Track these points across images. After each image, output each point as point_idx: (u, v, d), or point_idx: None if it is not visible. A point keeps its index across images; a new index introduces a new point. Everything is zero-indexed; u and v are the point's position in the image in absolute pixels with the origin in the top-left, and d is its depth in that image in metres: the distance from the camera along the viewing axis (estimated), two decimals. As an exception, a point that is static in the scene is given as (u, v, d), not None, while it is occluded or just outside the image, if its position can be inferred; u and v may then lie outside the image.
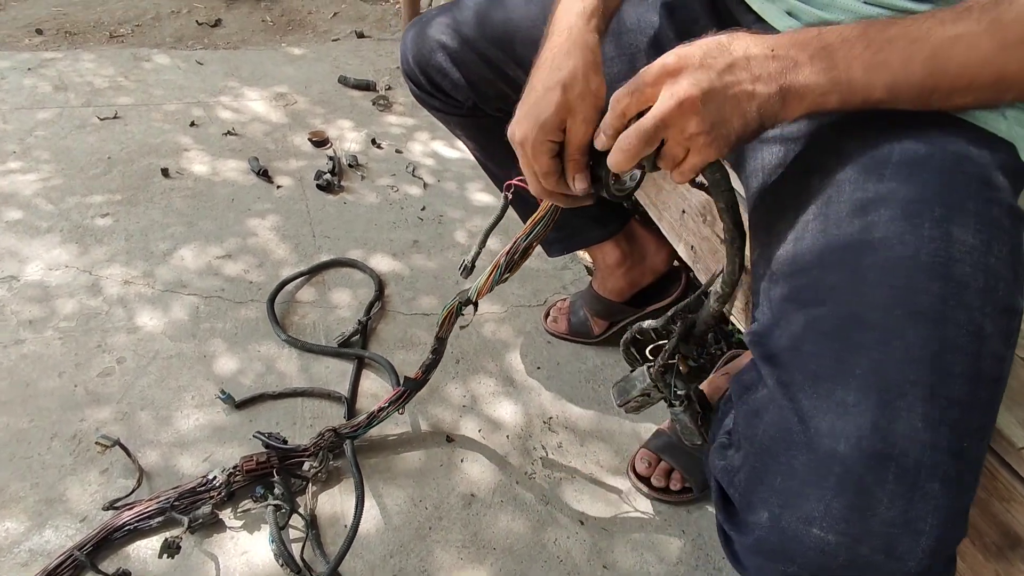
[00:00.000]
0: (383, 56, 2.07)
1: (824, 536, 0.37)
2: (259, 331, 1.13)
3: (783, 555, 0.39)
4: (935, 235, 0.44)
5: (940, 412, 0.39)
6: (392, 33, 2.23)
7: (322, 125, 1.68)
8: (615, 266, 1.07)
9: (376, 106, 1.78)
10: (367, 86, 1.85)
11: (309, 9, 2.36)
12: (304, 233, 1.35)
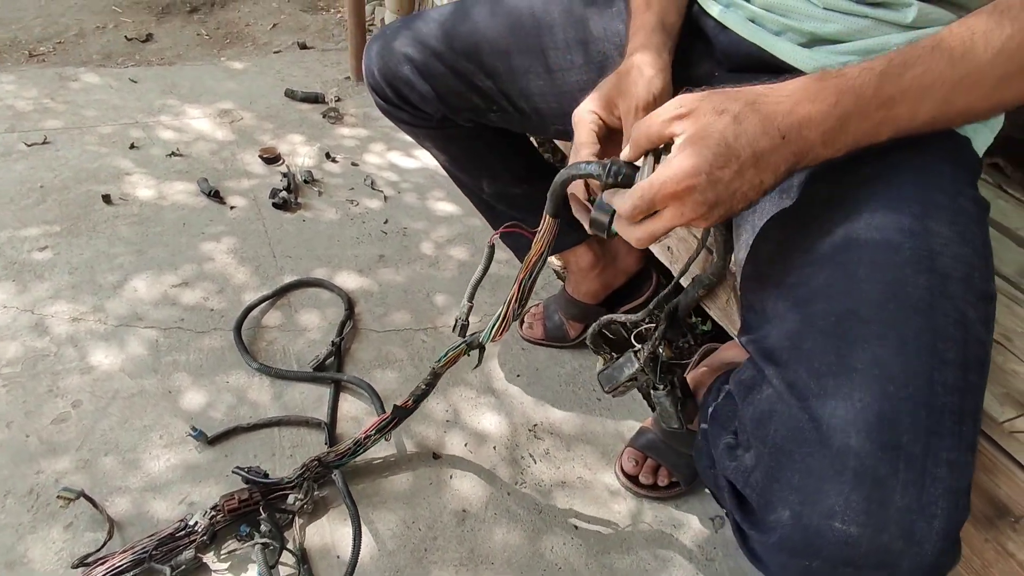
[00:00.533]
0: (329, 67, 2.02)
1: (846, 529, 0.39)
2: (226, 361, 1.08)
3: (808, 551, 0.40)
4: (916, 229, 0.46)
5: (939, 399, 0.41)
6: (336, 43, 2.18)
7: (272, 141, 1.63)
8: (588, 269, 1.08)
9: (327, 119, 1.74)
10: (316, 98, 1.80)
11: (247, 21, 2.28)
12: (264, 254, 1.30)
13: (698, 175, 0.43)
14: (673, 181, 0.43)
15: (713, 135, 0.43)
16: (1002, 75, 0.42)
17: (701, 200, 0.44)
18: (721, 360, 0.94)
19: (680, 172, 0.43)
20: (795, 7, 0.58)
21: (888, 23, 0.56)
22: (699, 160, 0.43)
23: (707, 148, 0.43)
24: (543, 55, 0.77)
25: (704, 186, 0.44)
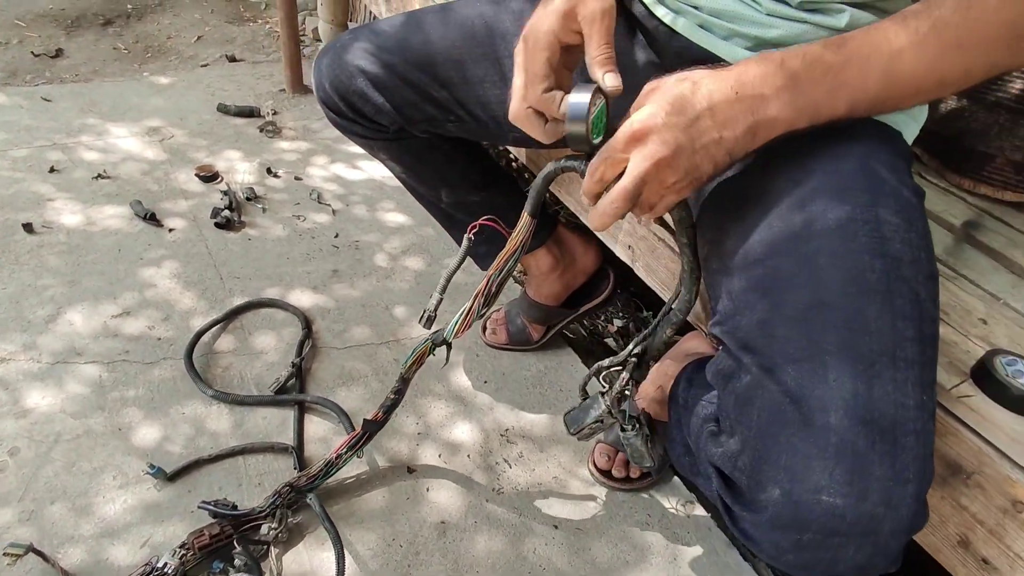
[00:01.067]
0: (262, 79, 1.95)
1: (833, 501, 0.42)
2: (179, 391, 1.02)
3: (798, 525, 0.43)
4: (867, 218, 0.50)
5: (903, 374, 0.44)
6: (268, 55, 2.11)
7: (208, 159, 1.56)
8: (549, 271, 1.10)
9: (264, 133, 1.68)
10: (251, 112, 1.74)
11: (168, 34, 2.18)
12: (210, 277, 1.24)
13: (656, 116, 0.46)
14: (632, 124, 0.47)
15: (672, 90, 0.47)
16: (933, 55, 0.46)
17: (660, 140, 0.46)
18: (683, 351, 0.97)
19: (640, 117, 0.47)
20: (741, 13, 0.62)
21: (825, 27, 0.60)
22: (655, 107, 0.47)
23: (664, 97, 0.47)
24: (498, 63, 0.78)
25: (662, 125, 0.46)
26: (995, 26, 0.45)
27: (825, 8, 0.59)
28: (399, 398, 0.87)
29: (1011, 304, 0.71)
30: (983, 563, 0.55)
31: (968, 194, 0.94)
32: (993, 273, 0.77)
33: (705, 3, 0.64)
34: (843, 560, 0.44)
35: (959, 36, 0.45)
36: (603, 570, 0.89)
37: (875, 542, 0.43)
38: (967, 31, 0.45)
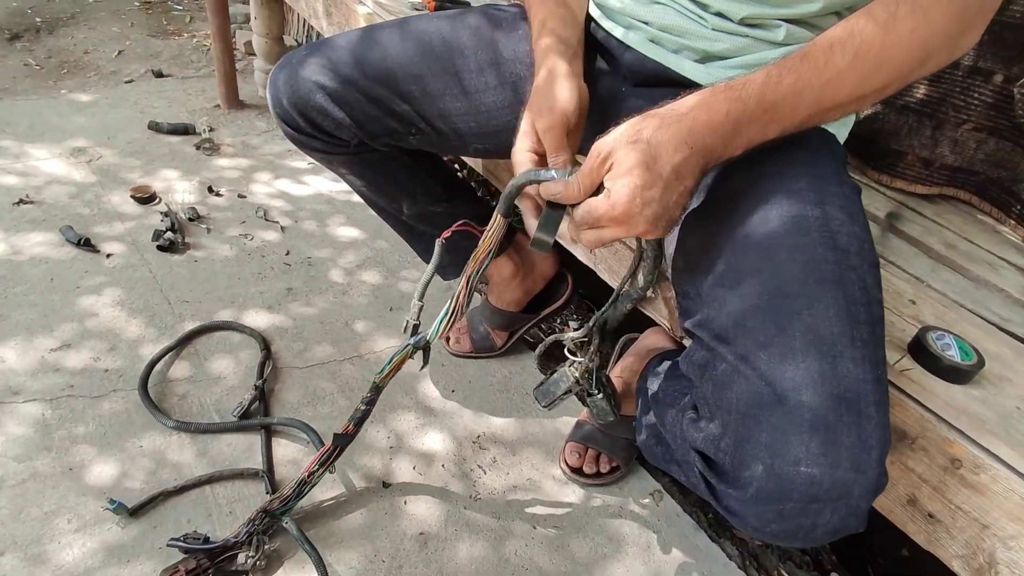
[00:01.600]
0: (194, 95, 1.88)
1: (811, 471, 0.46)
2: (134, 423, 0.98)
3: (781, 496, 0.47)
4: (817, 215, 0.55)
5: (860, 352, 0.49)
6: (198, 70, 2.03)
7: (143, 179, 1.49)
8: (510, 278, 1.12)
9: (202, 150, 1.62)
10: (185, 130, 1.67)
11: (84, 48, 2.05)
12: (156, 302, 1.19)
13: (632, 201, 0.51)
14: (612, 210, 0.51)
15: (634, 166, 0.51)
16: (859, 77, 0.52)
17: (642, 218, 0.52)
18: (645, 347, 1.02)
19: (616, 203, 0.51)
20: (689, 29, 0.67)
21: (765, 41, 0.66)
22: (630, 188, 0.51)
23: (634, 178, 0.51)
24: (458, 77, 0.80)
25: (640, 207, 0.51)
26: (910, 47, 0.51)
27: (764, 24, 0.65)
28: (370, 408, 0.86)
29: (933, 285, 0.80)
30: (929, 517, 0.62)
31: (887, 188, 1.04)
32: (915, 258, 0.85)
33: (655, 19, 0.69)
34: (821, 524, 0.48)
35: (880, 59, 0.51)
36: (583, 564, 0.91)
37: (848, 504, 0.47)
38: (887, 55, 0.51)
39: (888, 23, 0.51)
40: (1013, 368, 0.67)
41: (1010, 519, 0.55)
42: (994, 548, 0.57)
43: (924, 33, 0.51)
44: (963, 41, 0.54)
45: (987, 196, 1.01)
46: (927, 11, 0.50)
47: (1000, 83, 0.92)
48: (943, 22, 0.51)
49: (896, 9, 0.51)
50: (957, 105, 0.96)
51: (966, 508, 0.58)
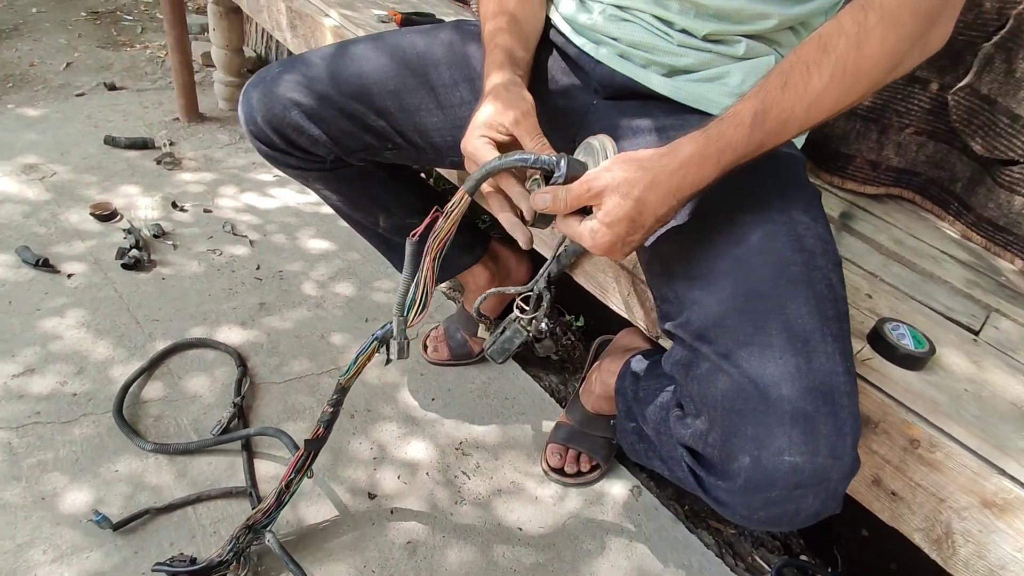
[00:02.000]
0: (150, 108, 1.84)
1: (794, 460, 0.49)
2: (108, 448, 0.95)
3: (767, 484, 0.50)
4: (784, 219, 0.59)
5: (831, 347, 0.53)
6: (153, 81, 1.98)
7: (102, 196, 1.45)
8: (486, 286, 1.14)
9: (163, 165, 1.59)
10: (144, 144, 1.63)
11: (30, 61, 1.98)
12: (124, 322, 1.16)
13: (614, 244, 0.57)
14: (598, 248, 0.58)
15: (621, 220, 0.55)
16: (838, 95, 0.54)
17: (621, 253, 0.59)
18: (621, 347, 1.05)
19: (601, 243, 0.57)
20: (656, 45, 0.70)
21: (727, 56, 0.70)
22: (613, 237, 0.56)
23: (619, 228, 0.56)
24: (433, 92, 0.82)
25: (621, 247, 0.58)
26: (883, 55, 0.52)
27: (726, 40, 0.69)
28: (338, 410, 0.85)
29: (885, 280, 0.85)
30: (892, 495, 0.66)
31: (839, 189, 1.11)
32: (868, 255, 0.91)
33: (623, 36, 0.72)
34: (804, 509, 0.52)
35: (857, 73, 0.53)
36: (569, 562, 0.94)
37: (827, 489, 0.51)
38: (862, 67, 0.52)
39: (860, 35, 0.51)
40: (959, 354, 0.72)
41: (963, 492, 0.61)
42: (950, 519, 0.62)
43: (894, 39, 0.52)
44: (933, 38, 0.55)
45: (929, 195, 1.09)
46: (895, 15, 0.51)
47: (936, 91, 1.00)
48: (912, 23, 0.52)
49: (865, 19, 0.51)
50: (899, 111, 1.03)
51: (924, 484, 0.63)
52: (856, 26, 0.52)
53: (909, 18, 0.51)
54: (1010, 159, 0.95)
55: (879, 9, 0.51)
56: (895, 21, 0.51)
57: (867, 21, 0.51)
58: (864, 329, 0.71)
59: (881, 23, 0.51)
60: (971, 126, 0.97)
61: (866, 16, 0.51)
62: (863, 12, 0.52)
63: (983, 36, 0.93)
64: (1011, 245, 0.98)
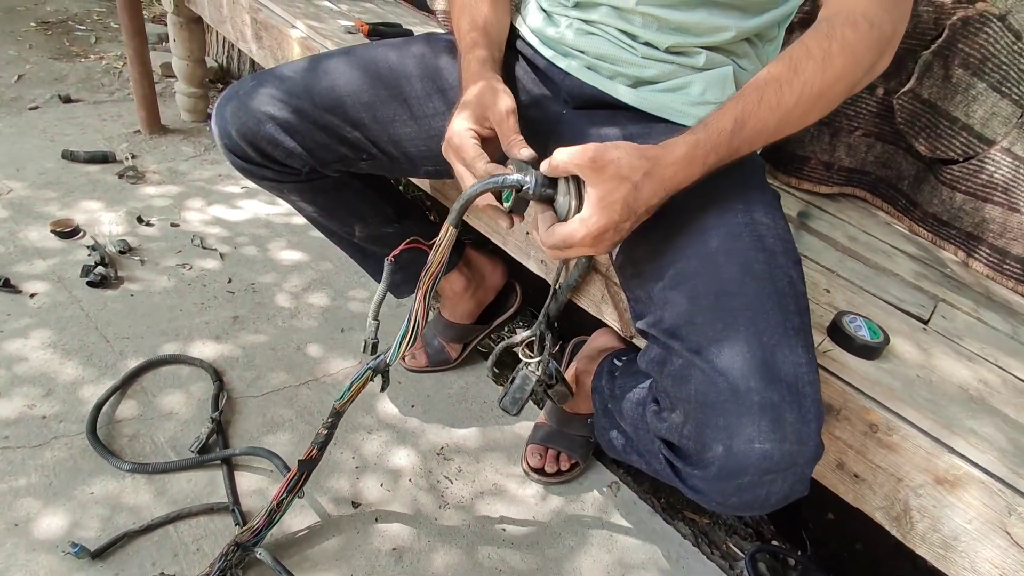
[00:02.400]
0: (109, 121, 1.79)
1: (763, 447, 0.53)
2: (81, 470, 0.94)
3: (739, 471, 0.54)
4: (747, 221, 0.63)
5: (794, 340, 0.57)
6: (111, 93, 1.93)
7: (63, 212, 1.41)
8: (462, 292, 1.16)
9: (125, 179, 1.55)
10: (104, 158, 1.59)
11: (-23, 73, 1.91)
12: (93, 341, 1.14)
13: (607, 230, 0.58)
14: (590, 236, 0.57)
15: (618, 201, 0.57)
16: (804, 111, 0.60)
17: (610, 242, 0.59)
18: (595, 348, 1.08)
19: (595, 230, 0.57)
20: (622, 57, 0.73)
21: (688, 67, 0.73)
22: (607, 221, 0.57)
23: (614, 211, 0.57)
24: (407, 104, 0.83)
25: (612, 234, 0.59)
26: (842, 81, 0.60)
27: (687, 52, 0.73)
28: (332, 432, 0.86)
29: (842, 275, 0.91)
30: (855, 477, 0.71)
31: (795, 190, 1.16)
32: (825, 251, 0.96)
33: (590, 48, 0.75)
34: (774, 493, 0.55)
35: (820, 94, 0.59)
36: (552, 559, 0.96)
37: (795, 473, 0.55)
38: (825, 90, 0.59)
39: (825, 61, 0.58)
40: (911, 342, 0.78)
41: (918, 471, 0.65)
42: (907, 497, 0.67)
43: (852, 67, 0.60)
44: (879, 66, 0.64)
45: (878, 193, 1.16)
46: (853, 47, 0.59)
47: (882, 95, 1.06)
48: (865, 54, 0.60)
49: (829, 47, 0.58)
50: (849, 115, 1.09)
51: (884, 466, 0.68)
52: (822, 52, 0.58)
53: (864, 51, 0.59)
54: (951, 158, 1.02)
55: (840, 40, 0.59)
56: (853, 52, 0.59)
57: (831, 49, 0.58)
58: (824, 322, 0.76)
59: (842, 53, 0.58)
60: (915, 128, 1.04)
61: (830, 44, 0.59)
62: (827, 40, 0.59)
63: (922, 45, 1.00)
64: (954, 238, 1.05)
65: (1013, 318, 0.91)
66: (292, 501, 0.87)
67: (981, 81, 0.96)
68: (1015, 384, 0.75)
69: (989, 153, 0.98)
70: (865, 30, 0.59)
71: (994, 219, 1.00)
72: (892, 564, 1.17)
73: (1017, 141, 0.96)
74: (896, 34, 0.63)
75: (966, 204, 1.02)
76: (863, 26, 0.59)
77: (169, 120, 1.82)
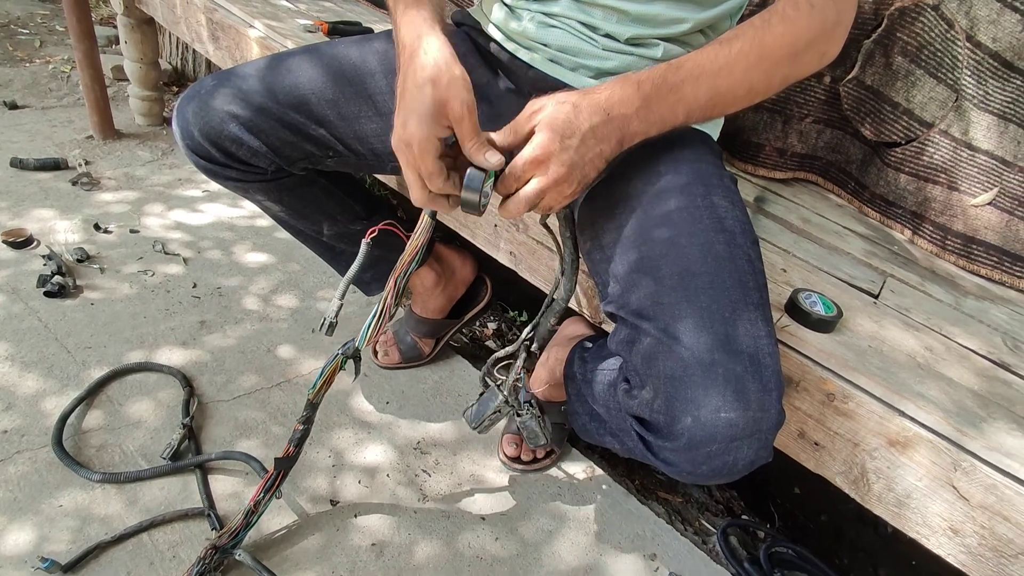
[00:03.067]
0: (59, 127, 1.74)
1: (729, 415, 0.55)
2: (47, 483, 0.91)
3: (708, 440, 0.56)
4: (706, 204, 0.66)
5: (754, 314, 0.60)
6: (60, 98, 1.87)
7: (14, 221, 1.36)
8: (433, 287, 1.17)
9: (79, 186, 1.51)
10: (55, 164, 1.54)
11: (-86, 80, 1.83)
12: (53, 352, 1.11)
13: (552, 143, 0.58)
14: (534, 151, 0.58)
15: (559, 117, 0.58)
16: (745, 67, 0.63)
17: (559, 162, 0.58)
18: (566, 336, 1.10)
19: (539, 145, 0.58)
20: (583, 49, 0.76)
21: (647, 58, 0.76)
22: (551, 134, 0.58)
23: (556, 125, 0.58)
24: (370, 99, 0.84)
25: (559, 150, 0.58)
26: (782, 45, 0.64)
27: (646, 43, 0.75)
28: (308, 427, 0.86)
29: (797, 255, 0.95)
30: (815, 445, 0.75)
31: (752, 176, 1.21)
32: (781, 234, 1.01)
33: (553, 41, 0.77)
34: (741, 459, 0.58)
35: (760, 55, 0.63)
36: (532, 544, 0.98)
37: (759, 439, 0.58)
38: (764, 52, 0.63)
39: (763, 27, 0.63)
40: (863, 315, 0.82)
41: (872, 435, 0.69)
42: (864, 461, 0.71)
43: (791, 36, 0.64)
44: (827, 49, 0.67)
45: (829, 177, 1.21)
46: (794, 21, 0.63)
47: (828, 83, 1.11)
48: (806, 29, 0.64)
49: (770, 17, 0.63)
50: (799, 102, 1.14)
51: (841, 432, 0.72)
52: (762, 21, 0.64)
53: (805, 26, 0.64)
54: (894, 141, 1.07)
55: (781, 13, 0.64)
56: (793, 24, 0.63)
57: (771, 19, 0.63)
58: (781, 300, 0.80)
59: (782, 22, 0.63)
60: (860, 113, 1.09)
61: (771, 16, 0.63)
62: (769, 13, 0.64)
63: (864, 34, 1.05)
64: (900, 218, 1.11)
65: (955, 290, 0.97)
66: (270, 501, 0.87)
67: (919, 68, 1.02)
68: (958, 351, 0.80)
69: (929, 135, 1.04)
70: (806, 10, 0.64)
71: (936, 198, 1.05)
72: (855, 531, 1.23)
73: (953, 124, 1.02)
74: (841, 22, 0.66)
75: (910, 185, 1.07)
76: (804, 7, 0.64)
77: (123, 125, 1.77)
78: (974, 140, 1.00)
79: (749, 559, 1.02)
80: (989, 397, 0.71)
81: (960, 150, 1.01)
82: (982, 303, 0.95)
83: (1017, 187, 0.98)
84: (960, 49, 0.98)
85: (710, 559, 1.01)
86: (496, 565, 0.94)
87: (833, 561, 1.15)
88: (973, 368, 0.76)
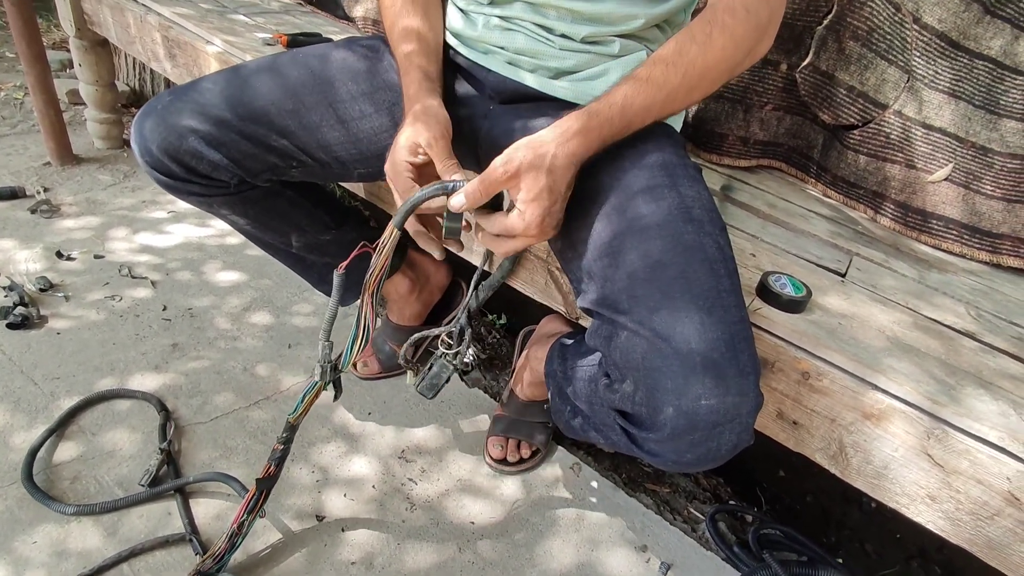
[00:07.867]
0: (15, 154, 1.69)
1: (710, 402, 0.56)
2: (20, 520, 0.88)
3: (691, 428, 0.57)
4: (673, 195, 0.67)
5: (726, 300, 0.60)
6: (13, 126, 1.82)
7: (-29, 254, 1.32)
8: (408, 294, 1.16)
9: (39, 214, 1.47)
10: (12, 193, 1.50)
11: None
12: (19, 386, 1.07)
13: (543, 217, 0.64)
14: (532, 226, 0.64)
15: (543, 190, 0.63)
16: (688, 89, 0.66)
17: (549, 229, 0.66)
18: (545, 334, 1.11)
19: (533, 220, 0.64)
20: (540, 50, 0.76)
21: (604, 55, 0.77)
22: (541, 210, 0.63)
23: (543, 200, 0.63)
24: (332, 108, 0.83)
25: (548, 219, 0.64)
26: (723, 61, 0.67)
27: (602, 41, 0.76)
28: (288, 447, 0.85)
29: (765, 240, 0.96)
30: (793, 424, 0.76)
31: (717, 165, 1.23)
32: (748, 220, 1.02)
33: (509, 44, 0.78)
34: (723, 444, 0.59)
35: (702, 74, 0.66)
36: (523, 545, 0.98)
37: (740, 423, 0.58)
38: (706, 70, 0.66)
39: (706, 43, 0.65)
40: (831, 294, 0.84)
41: (848, 410, 0.70)
42: (841, 436, 0.72)
43: (731, 49, 0.67)
44: (759, 49, 0.71)
45: (792, 162, 1.23)
46: (732, 30, 0.66)
47: (785, 71, 1.13)
48: (744, 37, 0.67)
49: (711, 31, 0.66)
50: (758, 91, 1.16)
51: (818, 409, 0.73)
52: (704, 36, 0.66)
53: (743, 34, 0.67)
54: (851, 124, 1.10)
55: (720, 25, 0.66)
56: (732, 35, 0.66)
57: (712, 33, 0.66)
58: (752, 284, 0.81)
59: (722, 35, 0.66)
60: (817, 99, 1.12)
61: (711, 29, 0.66)
62: (709, 26, 0.66)
63: (816, 20, 1.07)
64: (862, 198, 1.13)
65: (918, 265, 0.99)
66: (253, 522, 0.85)
67: (870, 51, 1.04)
68: (924, 323, 0.82)
69: (884, 116, 1.07)
70: (743, 17, 0.66)
71: (895, 177, 1.08)
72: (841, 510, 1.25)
73: (907, 104, 1.05)
74: (772, 21, 0.70)
75: (869, 165, 1.10)
76: (740, 13, 0.66)
77: (82, 149, 1.73)
78: (927, 118, 1.03)
79: (738, 543, 1.03)
80: (957, 366, 0.73)
81: (915, 129, 1.04)
82: (945, 276, 0.97)
83: (971, 161, 1.01)
84: (908, 31, 1.01)
85: (700, 546, 1.02)
86: (488, 568, 0.93)
87: (821, 540, 1.16)
88: (940, 339, 0.78)
